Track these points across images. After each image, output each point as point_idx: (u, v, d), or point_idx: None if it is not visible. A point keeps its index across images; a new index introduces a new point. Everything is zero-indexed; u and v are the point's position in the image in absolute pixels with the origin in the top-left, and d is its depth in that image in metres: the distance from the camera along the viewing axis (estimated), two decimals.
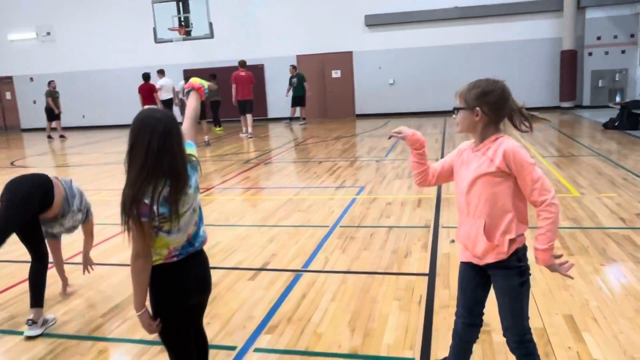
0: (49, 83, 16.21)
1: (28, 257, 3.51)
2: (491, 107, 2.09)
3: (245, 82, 13.60)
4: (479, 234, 2.13)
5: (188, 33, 17.61)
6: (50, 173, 3.61)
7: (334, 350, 2.97)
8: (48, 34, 19.60)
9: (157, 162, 1.92)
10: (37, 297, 3.37)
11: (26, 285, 3.49)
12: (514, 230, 2.10)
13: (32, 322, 3.29)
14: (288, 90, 15.92)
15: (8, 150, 14.38)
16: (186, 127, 2.33)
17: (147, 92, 13.91)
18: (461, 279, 2.32)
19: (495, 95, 2.10)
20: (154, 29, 17.96)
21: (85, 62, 18.99)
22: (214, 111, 15.21)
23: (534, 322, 3.08)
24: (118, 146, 12.88)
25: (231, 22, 17.52)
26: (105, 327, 3.43)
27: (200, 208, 2.16)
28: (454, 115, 2.19)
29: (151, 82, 14.10)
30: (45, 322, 3.38)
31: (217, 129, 15.40)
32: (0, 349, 3.22)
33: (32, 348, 3.19)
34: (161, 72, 14.91)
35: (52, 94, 16.02)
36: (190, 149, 2.16)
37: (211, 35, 17.64)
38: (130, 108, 13.03)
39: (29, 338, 3.27)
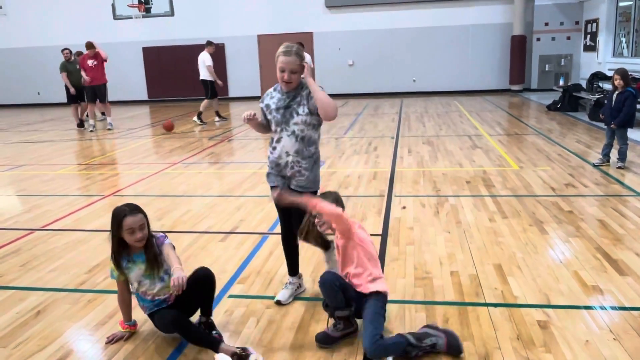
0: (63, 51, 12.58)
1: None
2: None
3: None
4: None
5: (148, 10, 17.56)
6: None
7: (298, 295, 3.43)
8: (0, 7, 19.02)
9: None
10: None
11: None
12: None
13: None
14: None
15: None
16: None
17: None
18: None
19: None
20: (113, 5, 17.82)
21: (40, 38, 18.57)
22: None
23: (468, 270, 3.64)
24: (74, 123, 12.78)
25: (192, 0, 17.50)
26: (90, 281, 3.78)
27: None
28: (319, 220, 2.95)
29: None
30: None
31: None
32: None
33: (25, 299, 3.51)
34: None
35: (66, 67, 12.31)
36: None
37: (172, 13, 17.66)
38: None
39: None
